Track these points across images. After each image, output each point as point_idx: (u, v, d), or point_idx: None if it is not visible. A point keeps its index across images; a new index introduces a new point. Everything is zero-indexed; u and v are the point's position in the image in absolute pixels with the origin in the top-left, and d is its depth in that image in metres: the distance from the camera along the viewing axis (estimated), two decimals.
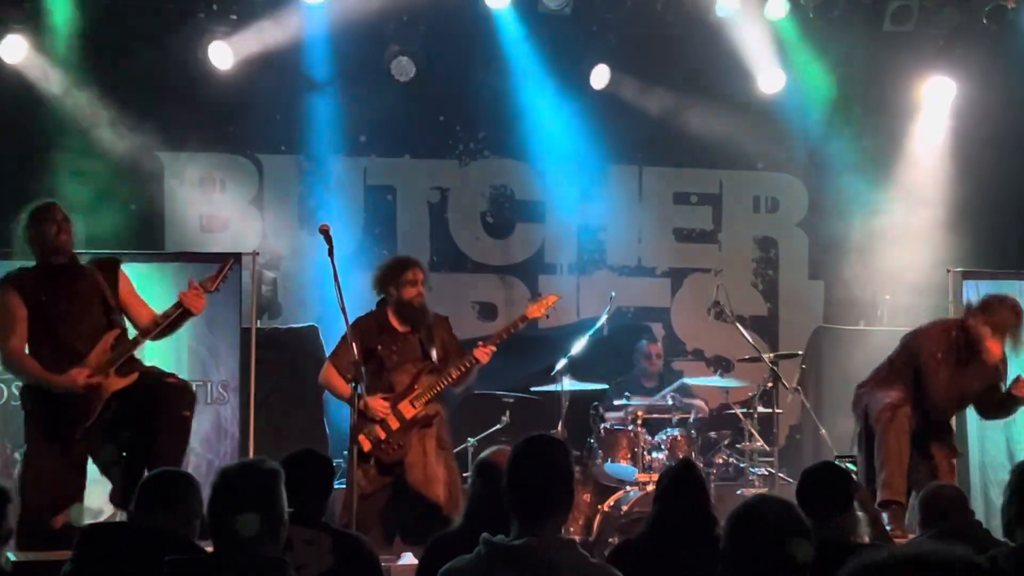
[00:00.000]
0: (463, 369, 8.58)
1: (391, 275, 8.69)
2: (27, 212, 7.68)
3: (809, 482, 5.52)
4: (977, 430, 10.16)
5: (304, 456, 5.68)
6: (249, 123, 11.77)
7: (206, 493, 4.60)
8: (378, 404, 8.38)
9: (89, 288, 7.67)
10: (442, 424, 8.70)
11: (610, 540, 9.19)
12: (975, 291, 8.80)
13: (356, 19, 11.33)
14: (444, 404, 8.82)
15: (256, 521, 4.34)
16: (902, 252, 11.97)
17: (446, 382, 8.56)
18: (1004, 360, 8.58)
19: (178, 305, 7.65)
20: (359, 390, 7.77)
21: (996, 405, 8.76)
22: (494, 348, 8.65)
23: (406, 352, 8.62)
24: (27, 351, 7.56)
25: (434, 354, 8.62)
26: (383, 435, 8.42)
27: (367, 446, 8.34)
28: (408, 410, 8.48)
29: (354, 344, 7.63)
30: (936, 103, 12.28)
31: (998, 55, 11.94)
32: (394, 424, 8.45)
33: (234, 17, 11.32)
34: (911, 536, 7.06)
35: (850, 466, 9.16)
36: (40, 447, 7.55)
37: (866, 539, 6.10)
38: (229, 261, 7.94)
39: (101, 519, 9.02)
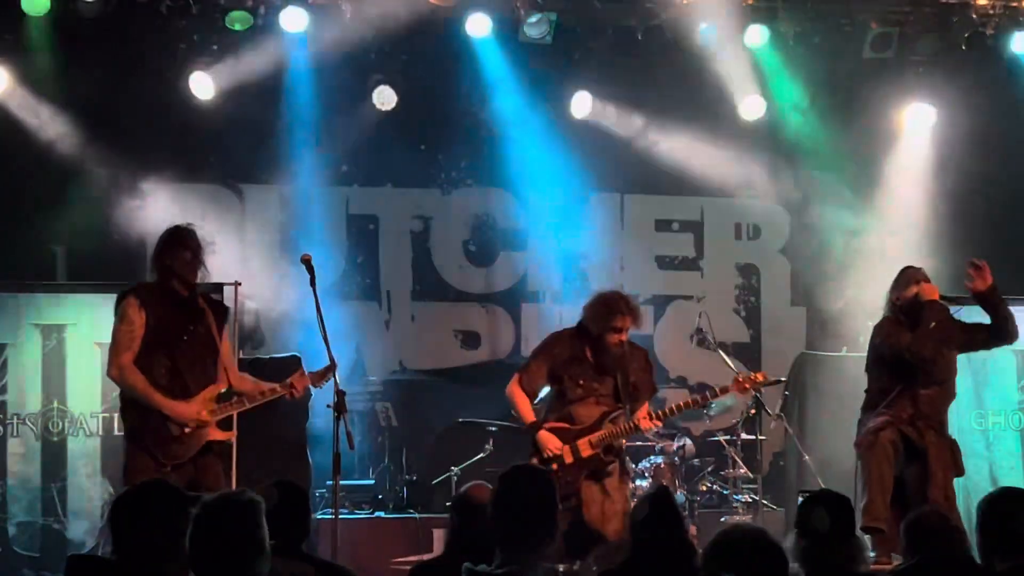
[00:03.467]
0: (656, 425, 8.41)
1: (601, 315, 8.29)
2: (165, 231, 7.76)
3: (809, 509, 5.44)
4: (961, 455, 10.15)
5: (279, 487, 5.63)
6: (231, 153, 11.77)
7: None
8: (552, 443, 8.15)
9: (205, 332, 7.69)
10: (622, 460, 8.46)
11: (594, 568, 9.16)
12: (956, 316, 8.82)
13: (338, 49, 11.33)
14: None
15: None
16: (884, 278, 11.95)
17: (628, 433, 8.30)
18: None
19: (282, 387, 7.80)
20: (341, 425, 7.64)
21: (985, 329, 8.78)
22: (660, 424, 8.45)
23: (593, 388, 8.30)
24: (139, 367, 7.50)
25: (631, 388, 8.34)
26: (556, 467, 8.08)
27: None
28: (586, 449, 8.16)
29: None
30: (916, 129, 12.34)
31: (977, 81, 12.00)
32: (568, 459, 8.15)
33: (215, 47, 11.32)
34: (895, 563, 7.04)
35: None
36: (138, 463, 7.45)
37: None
38: (333, 366, 7.81)
39: (84, 551, 9.00)
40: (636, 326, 8.36)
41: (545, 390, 8.61)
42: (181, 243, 7.65)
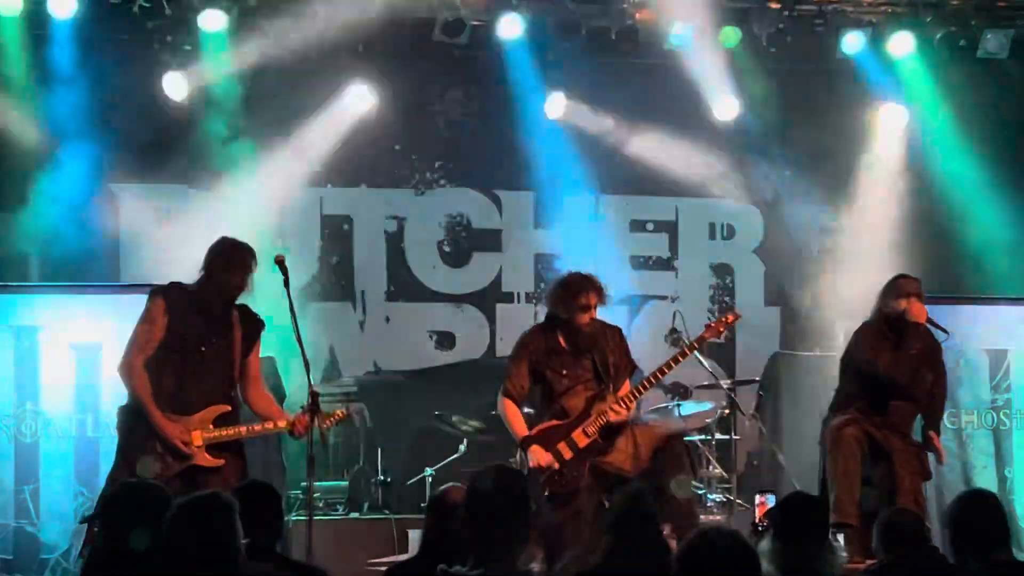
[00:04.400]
0: (638, 395, 8.30)
1: (564, 298, 8.26)
2: (228, 244, 7.60)
3: (785, 511, 5.44)
4: (932, 455, 10.21)
5: (251, 488, 5.62)
6: (204, 153, 11.71)
7: None
8: (542, 458, 8.01)
9: (226, 347, 7.57)
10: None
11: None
12: (932, 315, 8.85)
13: (312, 48, 11.32)
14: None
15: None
16: (858, 277, 12.01)
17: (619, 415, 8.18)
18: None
19: (290, 424, 7.65)
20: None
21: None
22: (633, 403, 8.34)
23: (577, 375, 8.25)
24: (148, 371, 7.44)
25: (610, 368, 8.28)
26: (556, 466, 8.05)
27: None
28: (581, 439, 8.11)
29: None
30: (889, 129, 12.38)
31: (950, 81, 12.06)
32: (567, 454, 8.09)
33: (188, 48, 11.30)
34: (869, 561, 7.06)
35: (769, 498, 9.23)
36: (122, 473, 7.35)
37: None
38: (346, 412, 7.93)
39: (57, 553, 8.97)
40: (601, 302, 8.30)
41: None
42: (243, 267, 7.53)
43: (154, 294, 7.57)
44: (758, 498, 10.05)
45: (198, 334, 7.50)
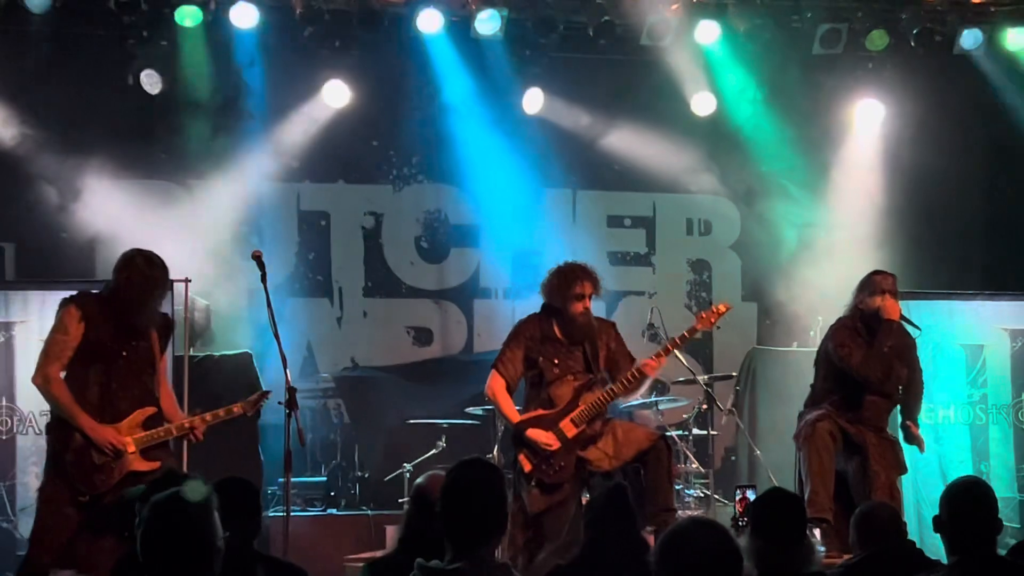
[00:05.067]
0: (626, 383, 8.16)
1: (559, 287, 8.24)
2: (138, 260, 7.43)
3: (763, 508, 5.42)
4: (909, 449, 10.24)
5: (228, 484, 5.60)
6: (181, 149, 11.70)
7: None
8: (544, 437, 8.03)
9: (146, 349, 7.50)
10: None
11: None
12: (905, 311, 8.88)
13: (288, 45, 11.30)
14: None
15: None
16: (834, 273, 12.05)
17: (610, 397, 8.17)
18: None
19: (230, 410, 7.66)
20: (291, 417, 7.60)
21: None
22: (664, 360, 8.24)
23: (568, 365, 8.22)
24: (71, 382, 7.33)
25: (602, 361, 8.26)
26: (556, 445, 8.02)
27: (528, 467, 8.02)
28: (570, 429, 8.06)
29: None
30: (865, 125, 12.43)
31: (926, 78, 12.11)
32: (555, 444, 8.06)
33: (165, 43, 11.26)
34: (846, 556, 7.07)
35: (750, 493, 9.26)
36: (55, 490, 7.28)
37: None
38: (264, 393, 7.89)
39: None
40: (597, 292, 8.29)
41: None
42: (151, 282, 7.40)
43: (66, 303, 7.44)
44: (739, 493, 10.07)
45: (117, 340, 7.40)
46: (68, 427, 7.30)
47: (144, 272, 7.40)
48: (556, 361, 8.22)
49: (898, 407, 8.96)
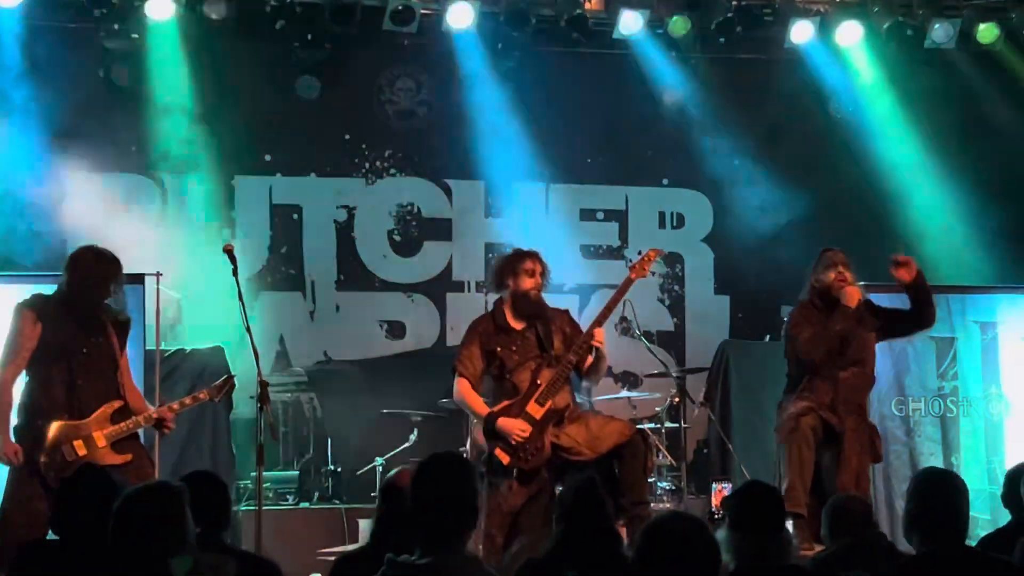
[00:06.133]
0: (584, 347, 8.13)
1: (509, 266, 8.24)
2: (90, 256, 7.42)
3: (742, 501, 5.41)
4: (880, 441, 10.30)
5: (196, 478, 5.59)
6: (152, 143, 11.66)
7: None
8: (515, 426, 7.97)
9: (107, 345, 7.48)
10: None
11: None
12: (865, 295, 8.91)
13: (260, 37, 11.27)
14: (573, 395, 8.35)
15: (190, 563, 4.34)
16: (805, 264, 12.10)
17: (567, 369, 8.11)
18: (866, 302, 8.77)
19: (196, 397, 7.75)
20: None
21: (906, 314, 8.84)
22: (602, 323, 8.20)
23: (526, 350, 8.18)
24: (35, 383, 7.34)
25: (556, 344, 8.19)
26: (528, 432, 7.95)
27: (506, 459, 7.96)
28: (536, 410, 8.01)
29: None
30: (836, 117, 12.47)
31: (895, 70, 12.15)
32: (528, 430, 7.99)
33: (135, 36, 11.23)
34: (818, 548, 7.10)
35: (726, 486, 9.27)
36: (22, 490, 7.25)
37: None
38: (230, 379, 7.88)
39: None
40: (545, 274, 8.29)
41: None
42: (105, 278, 7.38)
43: (21, 307, 7.43)
44: (715, 486, 10.10)
45: (76, 338, 7.39)
46: (37, 425, 7.30)
47: (94, 267, 7.40)
48: (514, 348, 8.22)
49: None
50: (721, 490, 10.01)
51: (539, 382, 8.10)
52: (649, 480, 10.24)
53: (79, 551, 4.92)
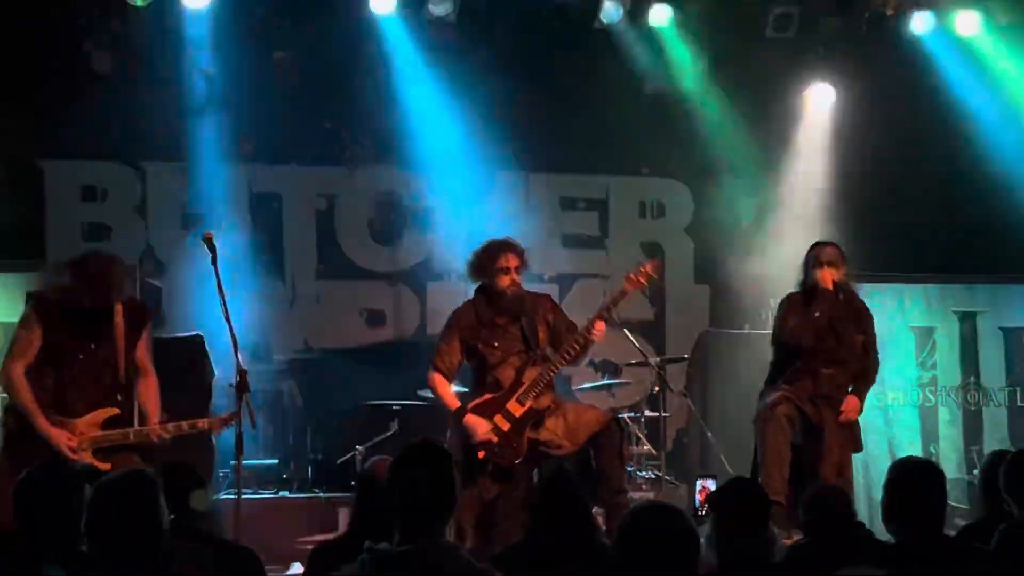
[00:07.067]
0: (572, 352, 8.15)
1: (481, 264, 8.28)
2: (91, 263, 7.44)
3: (726, 497, 5.39)
4: (866, 428, 10.34)
5: (173, 467, 5.59)
6: (132, 130, 11.61)
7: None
8: (479, 427, 8.01)
9: (109, 349, 7.45)
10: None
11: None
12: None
13: (240, 25, 11.24)
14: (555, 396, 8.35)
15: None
16: (786, 256, 12.10)
17: (555, 370, 8.14)
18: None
19: (195, 424, 7.67)
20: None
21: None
22: (601, 325, 8.21)
23: (508, 345, 8.21)
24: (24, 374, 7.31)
25: (540, 337, 8.24)
26: (495, 439, 8.01)
27: (480, 454, 7.98)
28: (516, 408, 8.05)
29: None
30: (817, 109, 12.48)
31: (877, 62, 12.16)
32: (504, 425, 8.04)
33: (116, 23, 11.18)
34: (796, 537, 7.11)
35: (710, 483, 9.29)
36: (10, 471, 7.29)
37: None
38: (236, 414, 7.64)
39: None
40: (523, 264, 8.30)
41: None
42: (107, 283, 7.39)
43: (29, 301, 7.51)
44: (699, 483, 10.12)
45: (73, 342, 7.39)
46: (25, 416, 7.29)
47: (100, 276, 7.41)
48: (496, 344, 8.23)
49: None
50: (705, 487, 10.04)
51: (523, 380, 8.11)
52: (628, 469, 10.28)
53: (41, 543, 4.90)
